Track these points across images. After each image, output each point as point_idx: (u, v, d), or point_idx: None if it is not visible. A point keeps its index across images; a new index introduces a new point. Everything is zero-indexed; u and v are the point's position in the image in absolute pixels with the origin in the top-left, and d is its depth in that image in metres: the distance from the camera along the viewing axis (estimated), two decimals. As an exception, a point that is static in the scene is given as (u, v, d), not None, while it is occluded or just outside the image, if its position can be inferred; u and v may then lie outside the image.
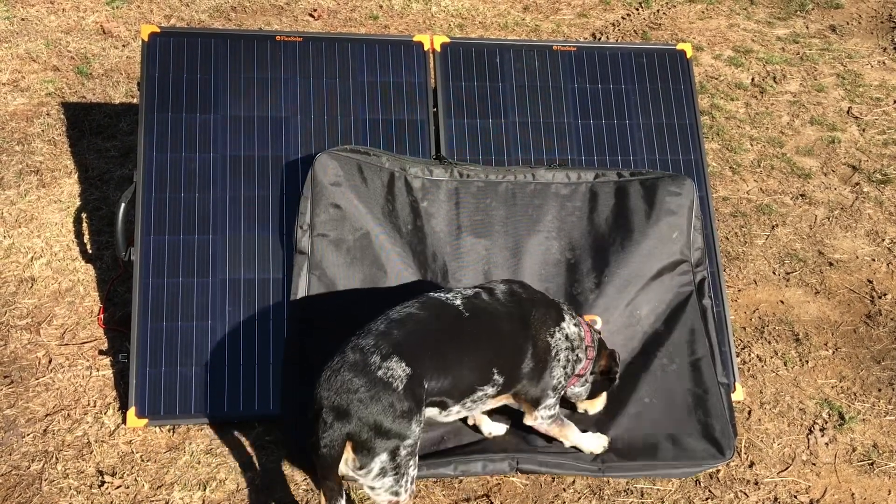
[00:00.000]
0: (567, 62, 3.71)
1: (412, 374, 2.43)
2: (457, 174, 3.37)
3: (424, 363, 2.49)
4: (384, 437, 2.37)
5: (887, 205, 4.49)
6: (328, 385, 2.41)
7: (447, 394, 2.59)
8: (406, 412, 2.39)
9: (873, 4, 6.49)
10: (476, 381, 2.63)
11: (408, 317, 2.58)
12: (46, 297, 3.59)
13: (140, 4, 5.72)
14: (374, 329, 2.53)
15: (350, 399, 2.36)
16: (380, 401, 2.37)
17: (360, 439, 2.36)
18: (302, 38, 3.54)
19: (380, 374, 2.40)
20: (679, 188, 3.38)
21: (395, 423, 2.38)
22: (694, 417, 3.10)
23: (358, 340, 2.50)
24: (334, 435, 2.36)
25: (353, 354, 2.45)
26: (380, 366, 2.41)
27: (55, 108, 4.68)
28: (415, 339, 2.52)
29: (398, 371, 2.41)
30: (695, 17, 6.23)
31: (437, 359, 2.53)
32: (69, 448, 2.98)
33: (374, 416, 2.36)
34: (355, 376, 2.39)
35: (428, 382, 2.49)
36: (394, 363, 2.42)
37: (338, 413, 2.36)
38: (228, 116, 3.38)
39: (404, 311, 2.61)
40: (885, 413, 3.33)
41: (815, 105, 5.30)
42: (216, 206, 3.28)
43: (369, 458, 2.38)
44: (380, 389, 2.38)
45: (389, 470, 2.41)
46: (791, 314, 3.81)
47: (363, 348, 2.45)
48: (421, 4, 6.08)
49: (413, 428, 2.42)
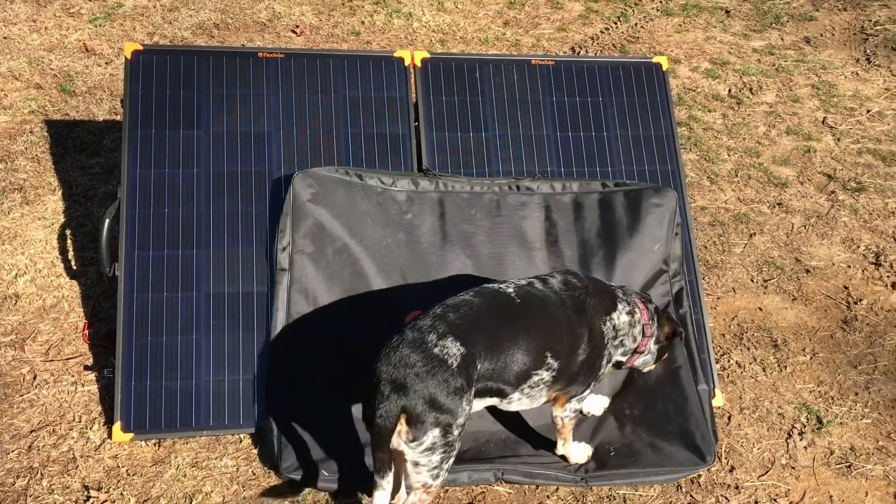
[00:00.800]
0: (546, 76, 3.78)
1: (466, 353, 2.55)
2: (441, 186, 3.42)
3: (477, 344, 2.60)
4: (437, 412, 2.48)
5: (862, 212, 4.58)
6: (387, 360, 2.53)
7: (503, 379, 2.69)
8: (459, 389, 2.51)
9: (846, 17, 6.62)
10: (531, 366, 2.72)
11: (463, 302, 2.71)
12: (31, 314, 3.60)
13: (123, 22, 5.75)
14: (432, 312, 2.66)
15: (407, 373, 2.48)
16: (435, 376, 2.48)
17: (414, 412, 2.47)
18: (284, 54, 3.58)
19: (436, 351, 2.52)
20: (661, 199, 3.44)
21: (449, 398, 2.49)
22: (674, 425, 3.15)
23: (416, 321, 2.63)
24: (390, 406, 2.46)
25: (411, 333, 2.58)
26: (436, 343, 2.53)
27: (38, 126, 4.70)
28: (469, 321, 2.64)
29: (453, 349, 2.54)
30: (672, 31, 6.33)
31: (490, 341, 2.65)
32: (54, 463, 2.99)
33: (429, 390, 2.47)
34: (413, 352, 2.52)
35: (480, 363, 2.61)
36: (449, 342, 2.55)
37: (395, 386, 2.48)
38: (211, 132, 3.42)
39: (459, 297, 2.74)
40: (861, 416, 3.39)
41: (790, 115, 5.40)
42: (200, 221, 3.30)
43: (422, 430, 2.48)
44: (436, 365, 2.50)
45: (440, 446, 2.52)
46: (769, 321, 3.87)
47: (421, 328, 2.59)
48: (402, 20, 6.14)
49: (464, 406, 2.53)
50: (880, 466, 3.18)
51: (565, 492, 3.01)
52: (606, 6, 6.62)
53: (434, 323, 2.60)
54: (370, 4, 6.30)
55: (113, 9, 5.90)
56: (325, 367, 3.18)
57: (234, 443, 3.12)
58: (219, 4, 6.10)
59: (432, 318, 2.62)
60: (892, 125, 5.32)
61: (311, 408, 3.10)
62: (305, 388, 3.13)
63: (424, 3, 6.39)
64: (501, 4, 6.53)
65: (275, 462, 2.96)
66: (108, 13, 5.84)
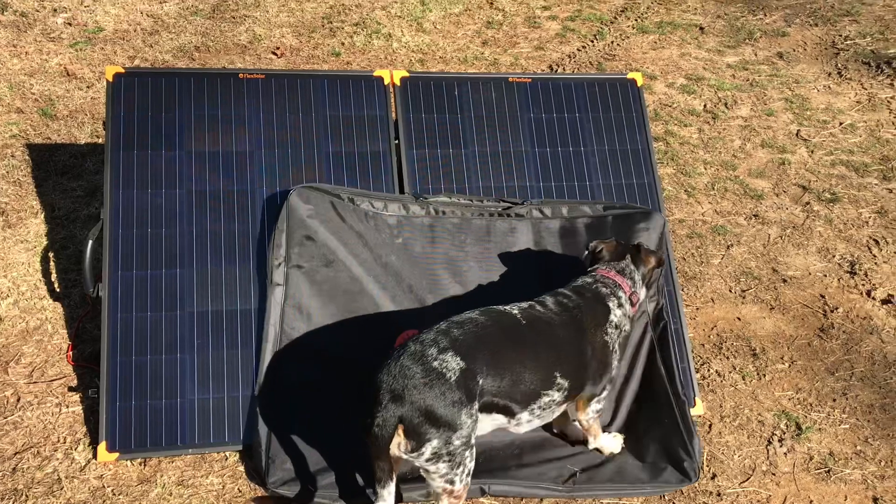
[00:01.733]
0: (523, 93, 3.84)
1: (466, 368, 2.59)
2: (432, 211, 3.46)
3: (479, 361, 2.64)
4: (434, 424, 2.52)
5: (836, 222, 4.66)
6: (388, 370, 2.58)
7: (510, 397, 2.73)
8: (457, 402, 2.55)
9: (817, 32, 6.75)
10: (540, 386, 2.78)
11: (468, 320, 2.77)
12: (14, 337, 3.60)
13: (104, 46, 5.79)
14: (436, 327, 2.71)
15: (405, 384, 2.53)
16: (433, 388, 2.53)
17: (411, 423, 2.52)
18: (264, 75, 3.63)
19: (435, 364, 2.57)
20: (648, 223, 3.50)
21: (446, 410, 2.53)
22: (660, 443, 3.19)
23: (420, 335, 2.68)
24: (387, 415, 2.51)
25: (413, 345, 2.63)
26: (436, 357, 2.58)
27: (20, 150, 4.71)
28: (472, 338, 2.69)
29: (452, 364, 2.58)
30: (648, 48, 6.43)
31: (494, 359, 2.70)
32: (39, 485, 2.99)
33: (426, 402, 2.52)
34: (413, 364, 2.57)
35: (483, 379, 2.65)
36: (449, 356, 2.59)
37: (393, 396, 2.53)
38: (193, 152, 3.45)
39: (465, 315, 2.80)
40: (839, 422, 3.45)
41: (765, 129, 5.49)
42: (183, 241, 3.33)
43: (419, 441, 2.53)
44: (434, 378, 2.54)
45: (444, 456, 2.56)
46: (748, 330, 3.93)
47: (423, 341, 2.64)
48: (382, 41, 6.21)
49: (464, 419, 2.57)
50: (858, 471, 3.23)
51: (549, 503, 3.04)
52: (583, 25, 6.73)
53: (437, 337, 2.65)
54: (350, 26, 6.38)
55: (94, 33, 5.94)
56: (316, 383, 3.20)
57: (219, 460, 3.12)
58: (199, 28, 6.15)
59: (435, 333, 2.68)
60: (864, 137, 5.43)
61: (299, 423, 3.13)
62: (295, 404, 3.16)
63: (404, 24, 6.48)
64: (480, 24, 6.62)
65: (262, 477, 2.97)
66: (89, 37, 5.88)
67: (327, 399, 3.20)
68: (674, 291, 3.63)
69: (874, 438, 3.37)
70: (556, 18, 6.82)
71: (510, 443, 3.23)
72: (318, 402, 3.19)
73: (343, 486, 2.97)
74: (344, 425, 3.15)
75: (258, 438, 3.04)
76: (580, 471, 3.12)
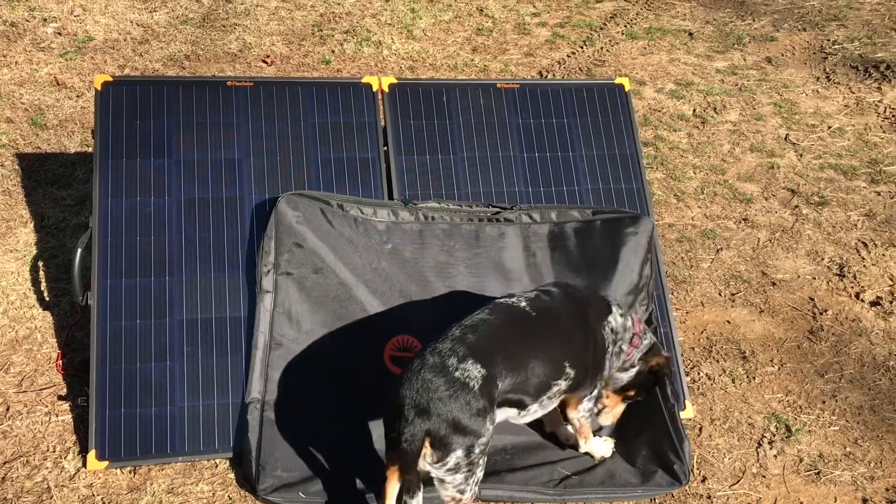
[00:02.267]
0: (511, 99, 3.86)
1: (487, 374, 2.60)
2: (421, 217, 3.46)
3: (497, 364, 2.66)
4: (461, 434, 2.53)
5: (825, 225, 4.68)
6: (409, 385, 2.57)
7: (524, 391, 2.76)
8: (481, 410, 2.56)
9: (806, 37, 6.79)
10: (551, 376, 2.80)
11: (480, 322, 2.77)
12: (3, 346, 3.59)
13: (94, 56, 5.79)
14: (451, 335, 2.70)
15: (430, 398, 2.53)
16: (458, 399, 2.53)
17: (438, 435, 2.51)
18: (253, 82, 3.64)
19: (457, 374, 2.57)
20: (637, 228, 3.50)
21: (472, 420, 2.54)
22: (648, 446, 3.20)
23: (436, 345, 2.67)
24: (415, 430, 2.51)
25: (432, 357, 2.62)
26: (457, 367, 2.58)
27: (9, 160, 4.71)
28: (488, 342, 2.70)
29: (474, 372, 2.58)
30: (637, 54, 6.47)
31: (510, 358, 2.71)
32: (29, 494, 2.98)
33: (452, 414, 2.52)
34: (435, 377, 2.56)
35: (501, 382, 2.66)
36: (469, 365, 2.59)
37: (418, 410, 2.52)
38: (182, 160, 3.45)
39: (476, 317, 2.80)
40: (829, 424, 3.46)
41: (754, 133, 5.52)
42: (172, 249, 3.33)
43: (446, 452, 2.53)
44: (458, 389, 2.55)
45: (463, 466, 2.56)
46: (737, 333, 3.94)
47: (441, 352, 2.63)
48: (372, 48, 6.23)
49: (487, 426, 2.58)
50: (848, 472, 3.24)
51: (540, 506, 3.04)
52: (572, 31, 6.76)
53: (454, 346, 2.64)
54: (340, 34, 6.40)
55: (84, 42, 5.94)
56: (306, 390, 3.20)
57: (209, 468, 3.12)
58: (189, 36, 6.16)
59: (451, 342, 2.66)
60: (853, 140, 5.46)
61: (289, 429, 3.13)
62: (285, 411, 3.15)
63: (394, 32, 6.50)
64: (470, 31, 6.65)
65: (252, 484, 2.96)
66: (79, 47, 5.88)
67: (317, 406, 3.20)
68: (663, 295, 3.64)
69: (863, 440, 3.38)
70: (546, 25, 6.85)
71: (501, 448, 3.23)
72: (308, 408, 3.18)
73: (334, 494, 2.96)
74: (334, 431, 3.16)
75: (248, 446, 3.03)
76: (571, 474, 3.12)
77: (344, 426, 3.17)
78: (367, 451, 3.13)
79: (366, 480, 3.00)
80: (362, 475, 3.02)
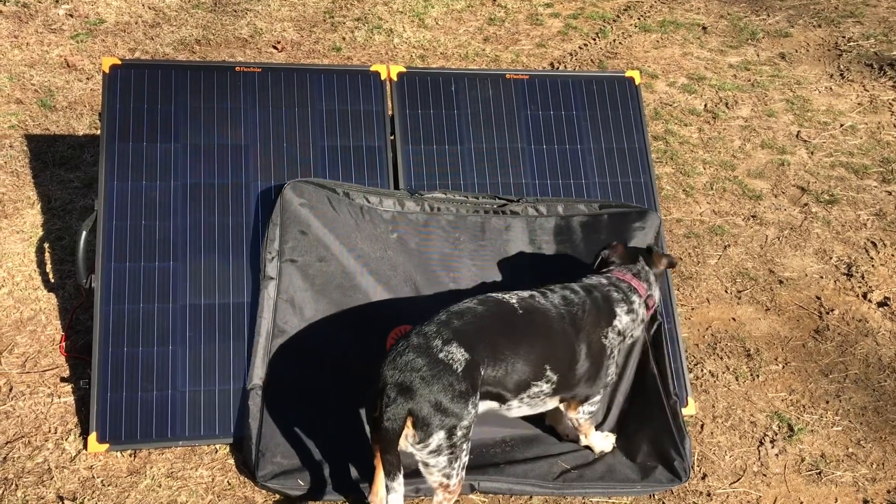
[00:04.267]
0: (520, 90, 3.83)
1: (470, 359, 2.60)
2: (427, 207, 3.45)
3: (481, 351, 2.65)
4: (442, 415, 2.53)
5: (834, 224, 4.65)
6: (393, 364, 2.58)
7: (503, 385, 2.75)
8: (463, 393, 2.56)
9: (820, 33, 6.73)
10: (531, 377, 2.78)
11: (467, 310, 2.76)
12: (8, 327, 3.61)
13: (104, 38, 5.79)
14: (436, 319, 2.71)
15: (413, 377, 2.53)
16: (440, 380, 2.54)
17: (420, 414, 2.51)
18: (261, 68, 3.62)
19: (441, 356, 2.57)
20: (643, 222, 3.48)
21: (454, 402, 2.54)
22: (649, 441, 3.19)
23: (421, 328, 2.67)
24: (397, 409, 2.51)
25: (416, 338, 2.63)
26: (441, 349, 2.58)
27: (18, 140, 4.72)
28: (473, 329, 2.69)
29: (458, 355, 2.59)
30: (650, 47, 6.42)
31: (493, 349, 2.70)
32: (29, 475, 2.99)
33: (434, 394, 2.52)
34: (418, 356, 2.57)
35: (484, 370, 2.66)
36: (454, 348, 2.60)
37: (401, 389, 2.53)
38: (189, 145, 3.45)
39: (463, 305, 2.79)
40: (832, 424, 3.44)
41: (765, 129, 5.48)
42: (177, 233, 3.33)
43: (427, 433, 2.53)
44: (441, 370, 2.55)
45: (445, 448, 2.56)
46: (742, 330, 3.92)
47: (426, 333, 2.64)
48: (383, 36, 6.20)
49: (469, 409, 2.58)
50: (850, 473, 3.22)
51: (539, 500, 3.03)
52: (585, 23, 6.71)
53: (439, 329, 2.65)
54: (351, 21, 6.37)
55: (95, 25, 5.94)
56: (308, 378, 3.20)
57: (209, 453, 3.13)
58: (200, 21, 6.15)
59: (437, 325, 2.67)
60: (865, 139, 5.41)
61: (290, 417, 3.13)
62: (286, 398, 3.15)
63: (405, 20, 6.47)
64: (482, 21, 6.61)
65: (252, 470, 2.97)
66: (90, 29, 5.88)
67: (319, 393, 3.20)
68: (668, 291, 3.62)
69: (866, 441, 3.36)
70: (559, 16, 6.81)
71: (501, 440, 3.23)
72: (309, 396, 3.18)
73: (334, 481, 2.97)
74: (335, 420, 3.16)
75: (249, 432, 3.04)
76: (571, 468, 3.11)
77: (344, 414, 3.17)
78: (366, 439, 3.13)
79: (364, 470, 3.00)
80: (361, 464, 3.02)
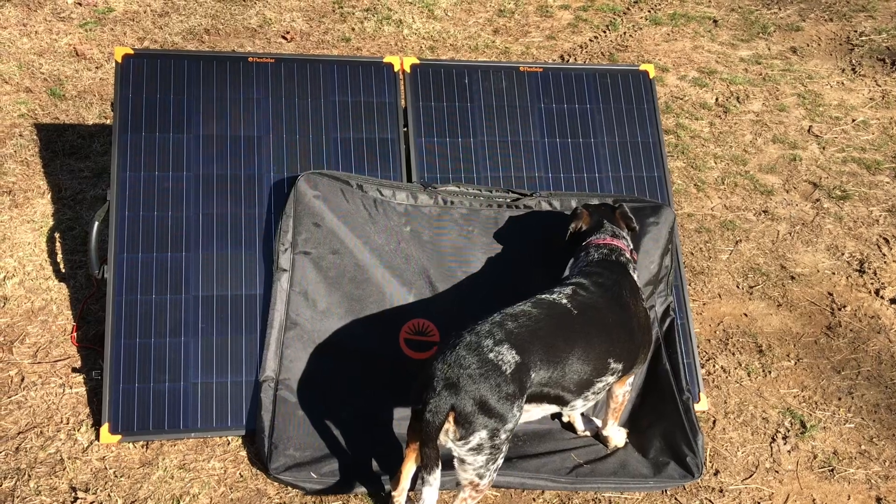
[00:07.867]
0: (534, 83, 3.81)
1: (521, 362, 2.58)
2: (441, 201, 3.43)
3: (533, 355, 2.63)
4: (486, 415, 2.51)
5: (846, 220, 4.63)
6: (443, 358, 2.57)
7: (562, 387, 2.73)
8: (510, 395, 2.54)
9: (832, 27, 6.69)
10: (593, 374, 2.78)
11: (521, 313, 2.73)
12: (19, 316, 3.60)
13: (113, 27, 5.76)
14: (490, 319, 2.69)
15: (461, 373, 2.52)
16: (488, 380, 2.52)
17: (463, 411, 2.50)
18: (274, 59, 3.61)
19: (491, 356, 2.55)
20: (658, 217, 3.46)
21: (499, 403, 2.52)
22: (661, 437, 3.18)
23: (476, 326, 2.66)
24: (440, 403, 2.50)
25: (469, 336, 2.61)
26: (492, 349, 2.57)
27: (28, 130, 4.70)
28: (526, 332, 2.67)
29: (508, 357, 2.57)
30: (660, 40, 6.38)
31: (548, 353, 2.68)
32: (42, 465, 2.99)
33: (480, 392, 2.50)
34: (469, 354, 2.55)
35: (535, 373, 2.64)
36: (505, 349, 2.58)
37: (447, 384, 2.52)
38: (201, 136, 3.43)
39: (518, 308, 2.77)
40: (844, 421, 3.43)
41: (777, 124, 5.45)
42: (189, 224, 3.32)
43: (469, 430, 2.51)
44: (490, 369, 2.53)
45: (486, 448, 2.54)
46: (754, 326, 3.90)
47: (479, 332, 2.62)
48: (393, 27, 6.17)
49: (514, 412, 2.56)
50: (862, 470, 3.21)
51: (551, 495, 3.03)
52: (595, 15, 6.68)
53: (492, 329, 2.63)
54: (361, 11, 6.34)
55: (104, 14, 5.91)
56: (320, 370, 3.20)
57: (221, 445, 3.12)
58: (209, 10, 6.12)
59: (490, 325, 2.65)
60: (877, 134, 5.39)
61: (303, 410, 3.13)
62: (299, 390, 3.15)
63: (415, 11, 6.44)
64: (491, 12, 6.58)
65: (264, 463, 2.97)
66: (99, 18, 5.86)
67: (331, 386, 3.19)
68: (681, 286, 3.61)
69: (879, 438, 3.35)
70: (569, 8, 6.77)
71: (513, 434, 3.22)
72: (321, 388, 3.18)
73: (346, 474, 2.97)
74: (349, 412, 3.15)
75: (261, 424, 3.03)
76: (583, 463, 3.11)
77: (357, 407, 3.17)
78: (379, 432, 3.13)
79: (379, 462, 3.00)
80: (375, 456, 3.02)
